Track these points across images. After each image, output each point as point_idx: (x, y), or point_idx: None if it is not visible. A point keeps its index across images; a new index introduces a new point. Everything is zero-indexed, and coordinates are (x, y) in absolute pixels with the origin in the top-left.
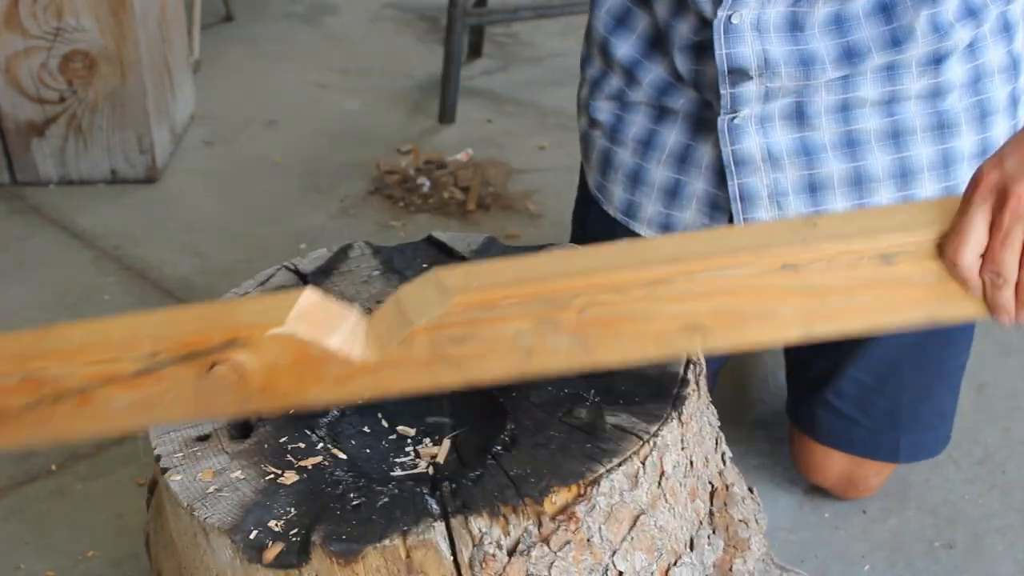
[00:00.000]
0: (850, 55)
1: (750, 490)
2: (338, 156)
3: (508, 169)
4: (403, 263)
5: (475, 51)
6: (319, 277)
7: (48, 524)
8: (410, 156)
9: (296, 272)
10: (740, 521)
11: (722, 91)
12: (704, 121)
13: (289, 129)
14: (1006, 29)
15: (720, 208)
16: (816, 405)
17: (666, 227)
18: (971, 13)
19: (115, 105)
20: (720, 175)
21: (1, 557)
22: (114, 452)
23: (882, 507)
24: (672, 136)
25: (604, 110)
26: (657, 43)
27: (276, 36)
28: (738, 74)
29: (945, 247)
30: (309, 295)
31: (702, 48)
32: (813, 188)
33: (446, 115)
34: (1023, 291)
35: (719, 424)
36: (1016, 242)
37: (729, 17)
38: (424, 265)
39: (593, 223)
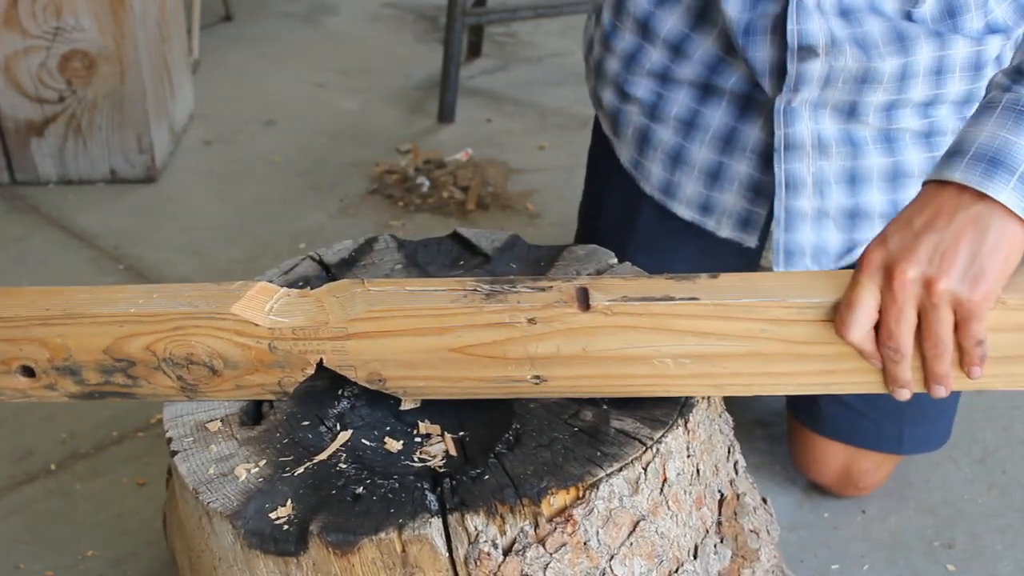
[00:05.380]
0: (902, 38)
1: (763, 500)
2: (338, 156)
3: (507, 169)
4: (427, 257)
5: (475, 51)
6: (343, 268)
7: (48, 524)
8: (410, 156)
9: (320, 263)
10: (750, 531)
11: (789, 68)
12: (752, 103)
13: (288, 129)
14: None
15: (762, 193)
16: (821, 397)
17: (705, 208)
18: (996, 30)
19: (114, 105)
20: (765, 159)
21: (1, 557)
22: (114, 452)
23: (881, 507)
24: (717, 117)
25: (642, 86)
26: (706, 15)
27: (276, 36)
28: (806, 51)
29: (835, 321)
30: None
31: (752, 29)
32: (853, 179)
33: (445, 115)
34: (927, 365)
35: (733, 433)
36: (909, 317)
37: None
38: (446, 261)
39: (612, 210)
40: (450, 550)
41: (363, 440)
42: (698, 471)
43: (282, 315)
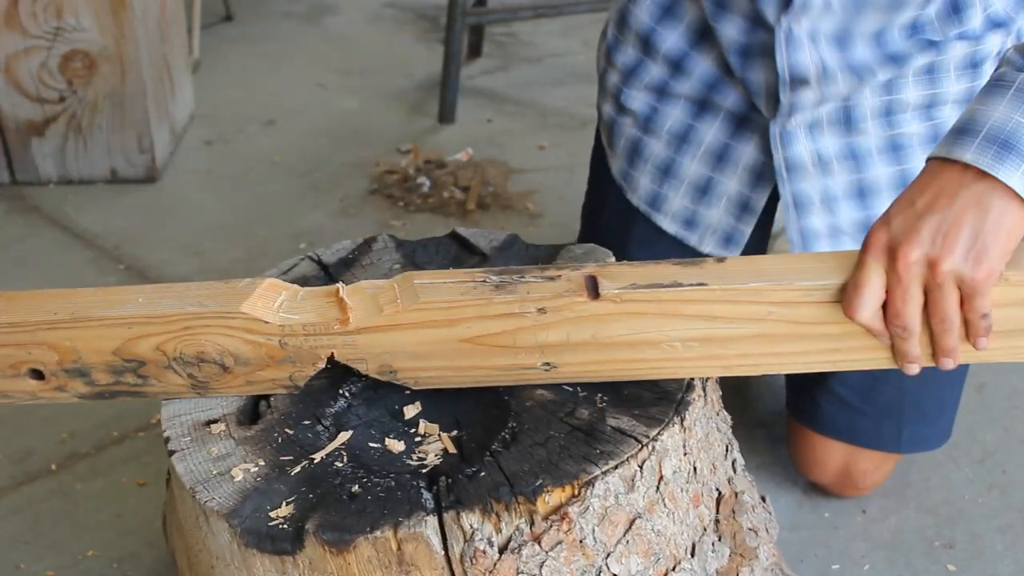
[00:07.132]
0: (895, 59)
1: (762, 499)
2: (338, 156)
3: (508, 169)
4: (425, 257)
5: (475, 51)
6: (341, 268)
7: (48, 524)
8: (410, 156)
9: (319, 263)
10: (749, 529)
11: (782, 98)
12: (747, 122)
13: (289, 129)
14: None
15: (750, 210)
16: (820, 395)
17: (690, 223)
18: (997, 24)
19: (115, 105)
20: (756, 177)
21: (1, 556)
22: (114, 452)
23: (882, 507)
24: (711, 133)
25: (638, 99)
26: (706, 34)
27: (276, 36)
28: (798, 81)
29: (843, 303)
30: None
31: (749, 52)
32: (862, 193)
33: (446, 115)
34: (936, 340)
35: (731, 431)
36: (915, 296)
37: (791, 26)
38: (445, 261)
39: (610, 213)
40: (446, 548)
41: (366, 441)
42: (695, 469)
43: (292, 312)
